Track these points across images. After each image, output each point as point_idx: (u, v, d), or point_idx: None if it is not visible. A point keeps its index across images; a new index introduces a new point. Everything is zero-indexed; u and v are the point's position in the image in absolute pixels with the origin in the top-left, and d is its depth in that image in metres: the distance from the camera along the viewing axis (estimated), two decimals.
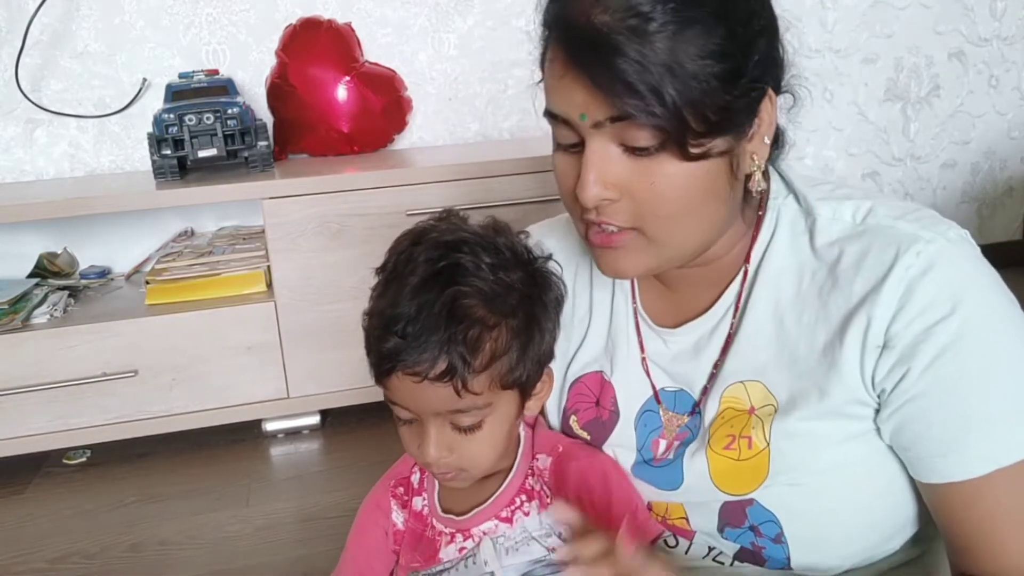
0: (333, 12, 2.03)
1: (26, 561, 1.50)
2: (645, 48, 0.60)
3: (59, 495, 1.72)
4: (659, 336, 0.79)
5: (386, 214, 1.77)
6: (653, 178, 0.64)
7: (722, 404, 0.74)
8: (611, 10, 0.61)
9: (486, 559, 0.74)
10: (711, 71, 0.61)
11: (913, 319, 0.64)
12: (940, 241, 0.66)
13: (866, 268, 0.67)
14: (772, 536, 0.71)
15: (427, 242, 0.72)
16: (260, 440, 1.89)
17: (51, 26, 1.92)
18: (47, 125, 1.97)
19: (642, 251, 0.69)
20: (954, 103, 2.51)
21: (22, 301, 1.75)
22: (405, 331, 0.68)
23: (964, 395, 0.64)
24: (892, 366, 0.65)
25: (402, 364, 0.68)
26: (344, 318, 1.81)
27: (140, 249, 2.04)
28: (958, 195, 2.61)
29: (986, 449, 0.64)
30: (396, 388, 0.70)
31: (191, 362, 1.76)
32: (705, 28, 0.61)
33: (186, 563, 1.47)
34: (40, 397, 1.69)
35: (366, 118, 2.01)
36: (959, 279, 0.65)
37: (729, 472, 0.72)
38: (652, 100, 0.60)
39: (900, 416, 0.66)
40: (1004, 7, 2.45)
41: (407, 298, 0.69)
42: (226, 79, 1.85)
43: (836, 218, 0.71)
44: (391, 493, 0.82)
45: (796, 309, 0.71)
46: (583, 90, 0.63)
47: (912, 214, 0.70)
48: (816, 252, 0.71)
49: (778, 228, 0.74)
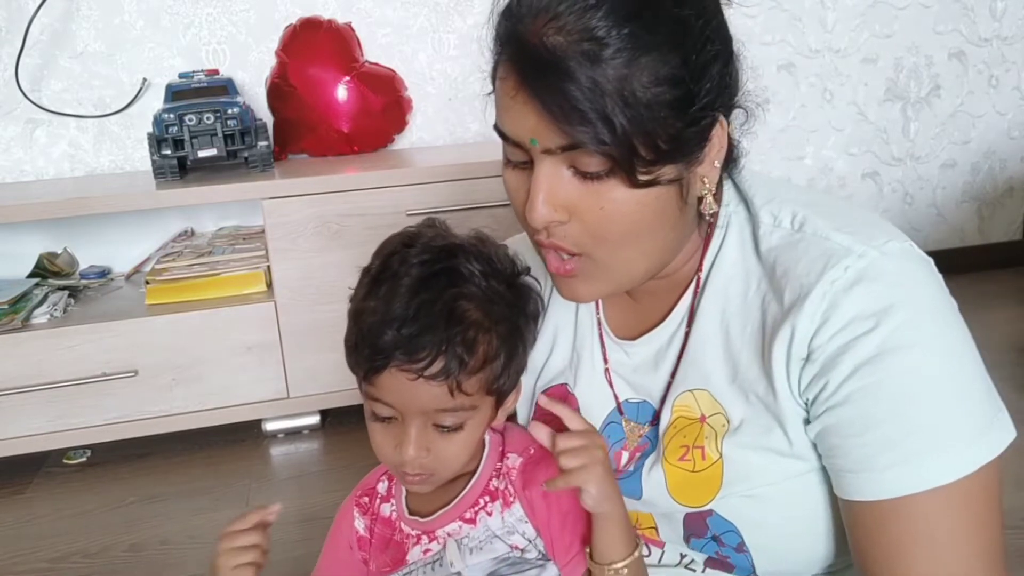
0: (333, 12, 2.03)
1: (26, 561, 1.50)
2: (597, 75, 0.58)
3: (59, 495, 1.72)
4: (621, 348, 0.79)
5: (386, 214, 1.77)
6: (602, 202, 0.63)
7: (674, 412, 0.74)
8: (565, 31, 0.59)
9: (452, 560, 0.75)
10: (663, 99, 0.60)
11: (835, 333, 0.63)
12: (872, 255, 0.64)
13: (794, 278, 0.66)
14: (734, 545, 0.72)
15: (420, 245, 0.72)
16: (260, 440, 1.89)
17: (51, 26, 1.92)
18: (47, 125, 1.97)
19: (595, 277, 0.69)
20: (954, 103, 2.51)
21: (22, 301, 1.75)
22: (403, 327, 0.68)
23: (880, 414, 0.62)
24: (813, 377, 0.65)
25: (399, 359, 0.68)
26: (344, 318, 1.80)
27: (140, 249, 2.05)
28: (958, 195, 2.61)
29: (899, 472, 0.62)
30: (385, 385, 0.70)
31: (191, 362, 1.76)
32: (660, 55, 0.60)
33: (186, 563, 1.47)
34: (40, 397, 1.69)
35: (366, 118, 2.01)
36: (887, 295, 0.63)
37: (685, 484, 0.72)
38: (602, 129, 0.59)
39: (819, 425, 0.66)
40: (1004, 7, 2.45)
41: (404, 296, 0.69)
42: (226, 79, 1.85)
43: (776, 224, 0.71)
44: (356, 503, 0.83)
45: (741, 318, 0.71)
46: (534, 114, 0.61)
47: (851, 225, 0.68)
48: (760, 259, 0.71)
49: (727, 237, 0.73)
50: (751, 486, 0.69)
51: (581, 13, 0.59)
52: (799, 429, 0.67)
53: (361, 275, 0.76)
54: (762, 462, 0.69)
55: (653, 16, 0.60)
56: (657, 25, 0.60)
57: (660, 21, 0.60)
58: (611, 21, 0.59)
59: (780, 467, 0.68)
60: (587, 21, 0.59)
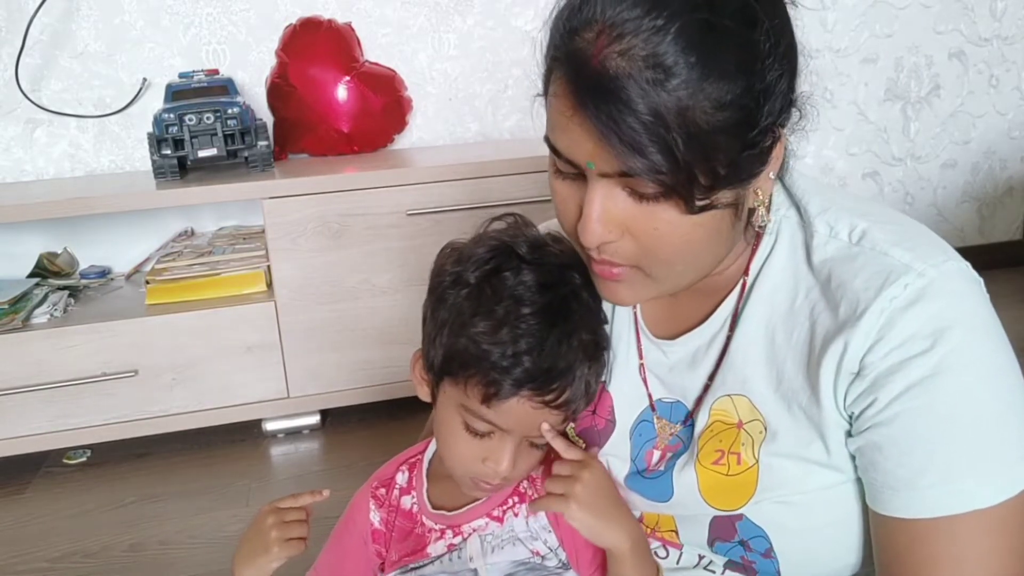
0: (333, 12, 2.02)
1: (26, 561, 1.50)
2: (660, 104, 0.56)
3: (59, 495, 1.72)
4: (658, 347, 0.79)
5: (386, 214, 1.77)
6: (656, 223, 0.62)
7: (711, 416, 0.73)
8: (629, 55, 0.56)
9: (471, 555, 0.75)
10: (726, 125, 0.58)
11: (890, 351, 0.62)
12: (932, 274, 0.63)
13: (851, 293, 0.65)
14: (762, 551, 0.71)
15: (531, 262, 0.72)
16: (260, 440, 1.89)
17: (51, 26, 1.92)
18: (47, 125, 1.97)
19: (641, 285, 0.68)
20: (954, 103, 2.51)
21: (22, 301, 1.75)
22: (539, 359, 0.68)
23: (927, 434, 0.62)
24: (861, 393, 0.64)
25: (533, 390, 0.68)
26: (344, 318, 1.81)
27: (140, 249, 2.05)
28: (958, 195, 2.61)
29: (940, 492, 0.62)
30: (506, 411, 0.69)
31: (191, 362, 1.76)
32: (726, 82, 0.57)
33: (186, 563, 1.47)
34: (40, 397, 1.69)
35: (366, 118, 2.01)
36: (945, 316, 0.62)
37: (718, 487, 0.72)
38: (661, 161, 0.57)
39: (862, 440, 0.65)
40: (1004, 7, 2.45)
41: (536, 328, 0.68)
42: (226, 79, 1.85)
43: (832, 235, 0.69)
44: (372, 494, 0.83)
45: (787, 326, 0.70)
46: (591, 140, 0.59)
47: (910, 240, 0.67)
48: (812, 269, 0.70)
49: (777, 242, 0.72)
50: (785, 493, 0.69)
51: (648, 36, 0.56)
52: (840, 441, 0.67)
53: (444, 278, 0.74)
54: (798, 471, 0.68)
55: (722, 41, 0.57)
56: (726, 51, 0.57)
57: (729, 47, 0.57)
58: (679, 46, 0.56)
59: (816, 477, 0.68)
60: (654, 46, 0.56)
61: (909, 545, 0.63)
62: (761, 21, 0.59)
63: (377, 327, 1.83)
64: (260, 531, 0.77)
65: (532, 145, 2.04)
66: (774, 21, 0.60)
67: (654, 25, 0.56)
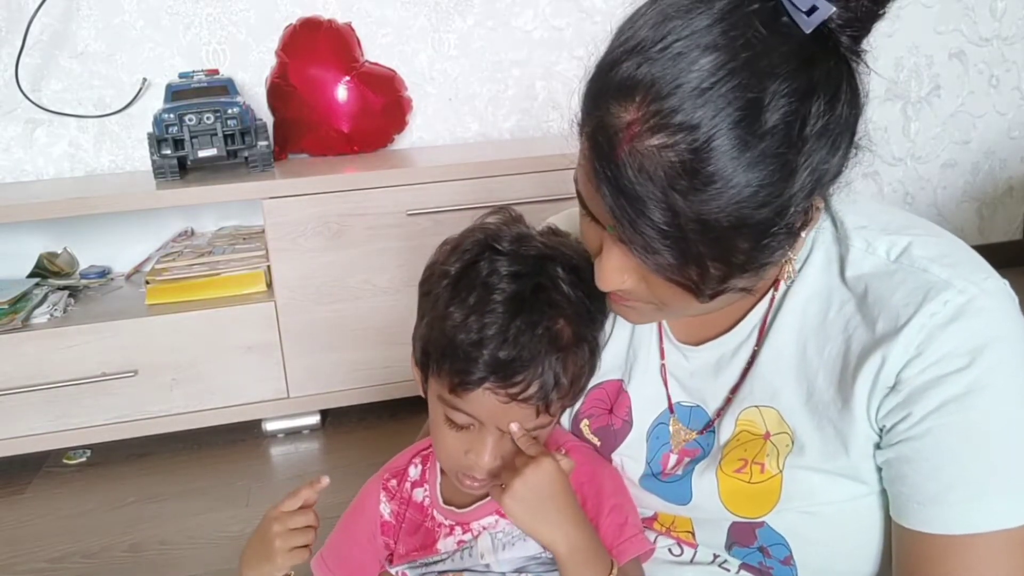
0: (333, 12, 2.02)
1: (26, 561, 1.50)
2: (682, 213, 0.53)
3: (59, 495, 1.72)
4: (680, 351, 0.78)
5: (386, 214, 1.77)
6: (670, 291, 0.61)
7: (738, 427, 0.73)
8: (662, 155, 0.52)
9: (483, 552, 0.75)
10: (750, 221, 0.54)
11: (927, 367, 0.62)
12: (972, 291, 0.62)
13: (890, 308, 0.64)
14: (781, 558, 0.71)
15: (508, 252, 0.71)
16: (260, 440, 1.89)
17: (51, 26, 1.92)
18: (47, 125, 1.97)
19: (653, 315, 0.68)
20: (954, 103, 2.51)
21: (22, 301, 1.75)
22: (501, 349, 0.67)
23: (959, 450, 0.62)
24: (895, 406, 0.64)
25: (495, 382, 0.68)
26: (344, 318, 1.81)
27: (140, 249, 2.04)
28: (958, 195, 2.61)
29: (968, 508, 0.61)
30: (474, 400, 0.69)
31: (191, 362, 1.76)
32: (763, 188, 0.53)
33: (186, 563, 1.47)
34: (40, 397, 1.69)
35: (366, 118, 2.01)
36: (984, 333, 0.62)
37: (740, 494, 0.72)
38: (671, 259, 0.56)
39: (892, 453, 0.65)
40: (1004, 7, 2.44)
41: (501, 316, 0.68)
42: (226, 79, 1.85)
43: (869, 251, 0.68)
44: (383, 485, 0.83)
45: (819, 339, 0.69)
46: (609, 216, 0.57)
47: (950, 256, 0.66)
48: (846, 283, 0.68)
49: (812, 254, 0.70)
50: (810, 503, 0.69)
51: (690, 136, 0.51)
52: (867, 454, 0.66)
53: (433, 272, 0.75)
54: (824, 483, 0.68)
55: (771, 139, 0.52)
56: (772, 154, 0.52)
57: (775, 151, 0.53)
58: (723, 153, 0.51)
59: (842, 489, 0.68)
60: (694, 150, 0.51)
61: (932, 560, 0.63)
62: (818, 96, 0.54)
63: (377, 327, 1.83)
64: (264, 539, 0.76)
65: (532, 145, 2.04)
66: (839, 120, 0.55)
67: (700, 121, 0.51)
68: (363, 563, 0.82)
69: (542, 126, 2.23)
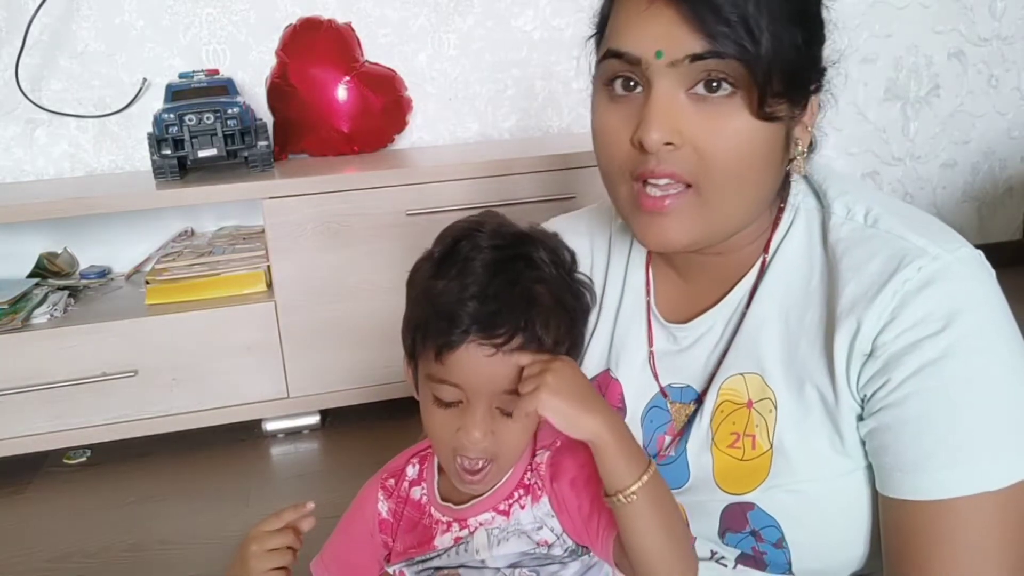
0: (333, 12, 2.03)
1: (26, 561, 1.50)
2: None
3: (59, 495, 1.72)
4: (669, 332, 0.79)
5: (386, 214, 1.77)
6: (718, 127, 0.63)
7: (720, 396, 0.74)
8: None
9: (478, 548, 0.75)
10: (798, 33, 0.63)
11: (902, 332, 0.63)
12: (946, 258, 0.64)
13: (864, 273, 0.66)
14: (773, 541, 0.71)
15: (489, 231, 0.73)
16: (260, 440, 1.89)
17: (51, 26, 1.92)
18: (47, 125, 1.97)
19: (692, 216, 0.67)
20: (954, 103, 2.51)
21: (22, 301, 1.75)
22: (482, 303, 0.67)
23: (938, 415, 0.62)
24: (874, 374, 0.64)
25: (477, 334, 0.67)
26: (344, 318, 1.81)
27: (140, 249, 2.04)
28: (958, 195, 2.61)
29: (951, 474, 0.62)
30: (458, 362, 0.68)
31: (191, 362, 1.76)
32: None
33: (186, 563, 1.47)
34: (40, 397, 1.69)
35: (366, 118, 2.01)
36: (957, 298, 0.63)
37: (731, 471, 0.72)
38: (744, 35, 0.60)
39: (874, 422, 0.65)
40: (1004, 7, 2.45)
41: (482, 276, 0.68)
42: (226, 79, 1.85)
43: (849, 217, 0.70)
44: (381, 485, 0.83)
45: (801, 305, 0.70)
46: (665, 23, 0.61)
47: (926, 227, 0.68)
48: (828, 249, 0.70)
49: (795, 222, 0.73)
50: (797, 480, 0.69)
51: None
52: (852, 426, 0.67)
53: (421, 260, 0.76)
54: (811, 458, 0.69)
55: None
56: None
57: None
58: None
59: (829, 464, 0.68)
60: None
61: (918, 528, 0.64)
62: None
63: (377, 327, 1.82)
64: (243, 560, 0.75)
65: (532, 145, 2.04)
66: None
67: None
68: (362, 564, 0.83)
69: (542, 126, 2.24)
